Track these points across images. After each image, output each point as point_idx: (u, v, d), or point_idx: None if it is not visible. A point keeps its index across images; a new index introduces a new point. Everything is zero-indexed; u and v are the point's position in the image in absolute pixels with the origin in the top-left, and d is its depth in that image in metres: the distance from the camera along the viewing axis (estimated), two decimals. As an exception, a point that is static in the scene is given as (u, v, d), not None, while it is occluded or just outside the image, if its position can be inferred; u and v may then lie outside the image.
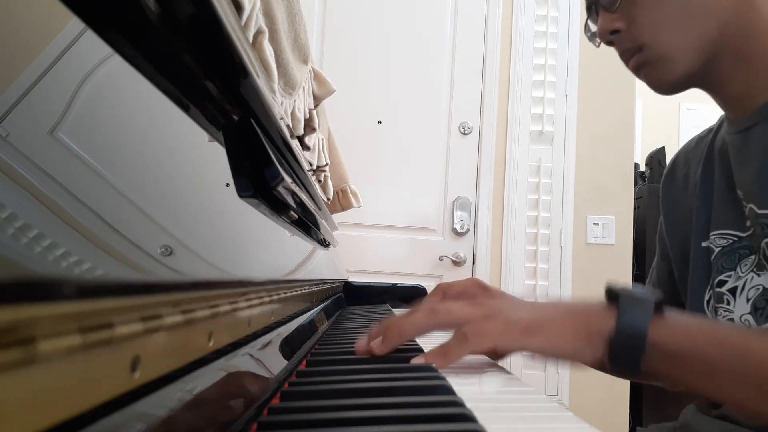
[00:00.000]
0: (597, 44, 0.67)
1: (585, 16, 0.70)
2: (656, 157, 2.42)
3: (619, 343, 0.44)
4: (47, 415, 0.14)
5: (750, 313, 0.58)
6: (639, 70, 0.62)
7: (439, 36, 2.10)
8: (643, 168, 2.64)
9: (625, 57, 0.63)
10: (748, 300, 0.58)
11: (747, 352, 0.43)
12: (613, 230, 2.05)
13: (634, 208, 2.14)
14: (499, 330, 0.45)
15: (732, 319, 0.60)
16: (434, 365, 0.44)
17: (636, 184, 2.24)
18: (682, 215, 0.73)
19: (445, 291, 0.55)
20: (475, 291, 0.54)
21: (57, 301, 0.14)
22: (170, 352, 0.21)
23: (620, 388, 1.94)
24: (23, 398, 0.13)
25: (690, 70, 0.59)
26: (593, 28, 0.67)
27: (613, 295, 0.46)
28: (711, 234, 0.65)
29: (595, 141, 2.08)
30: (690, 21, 0.57)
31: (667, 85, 0.61)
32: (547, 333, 0.45)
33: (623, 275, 2.02)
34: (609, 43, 0.63)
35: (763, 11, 0.57)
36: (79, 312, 0.15)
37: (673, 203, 0.76)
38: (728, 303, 0.61)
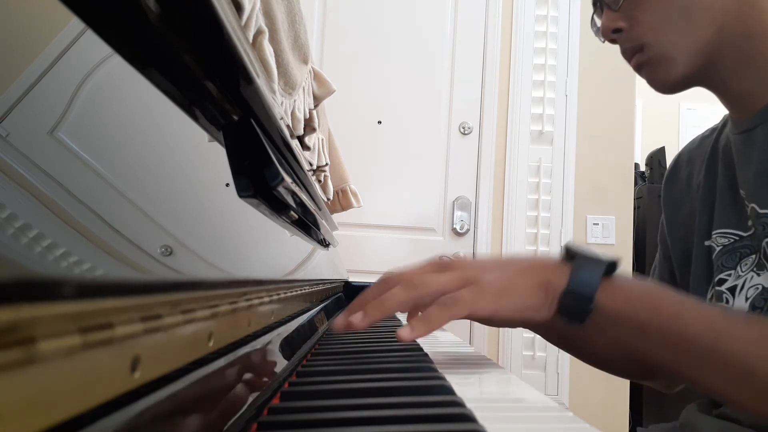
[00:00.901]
0: (602, 40, 0.67)
1: (585, 16, 0.71)
2: (656, 157, 2.42)
3: (568, 300, 0.47)
4: (47, 415, 0.14)
5: (748, 311, 0.58)
6: (640, 69, 0.63)
7: (439, 36, 2.10)
8: (643, 168, 2.64)
9: (627, 55, 0.64)
10: (747, 299, 0.59)
11: (677, 318, 0.46)
12: (613, 230, 2.05)
13: (634, 208, 2.14)
14: (474, 296, 0.47)
15: None
16: (433, 366, 0.44)
17: (636, 184, 2.24)
18: (684, 215, 0.73)
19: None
20: (443, 262, 0.54)
21: (57, 301, 0.14)
22: (170, 352, 0.21)
23: (620, 388, 1.94)
24: (23, 398, 0.13)
25: (690, 70, 0.60)
26: (599, 23, 0.67)
27: (570, 254, 0.50)
28: (713, 233, 0.65)
29: (595, 141, 2.08)
30: (690, 23, 0.58)
31: (667, 84, 0.62)
32: (515, 293, 0.48)
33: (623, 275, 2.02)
34: (612, 41, 0.64)
35: (765, 12, 0.57)
36: (79, 312, 0.15)
37: (676, 203, 0.75)
38: (727, 302, 0.61)
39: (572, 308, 0.47)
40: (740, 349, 0.44)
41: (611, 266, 0.48)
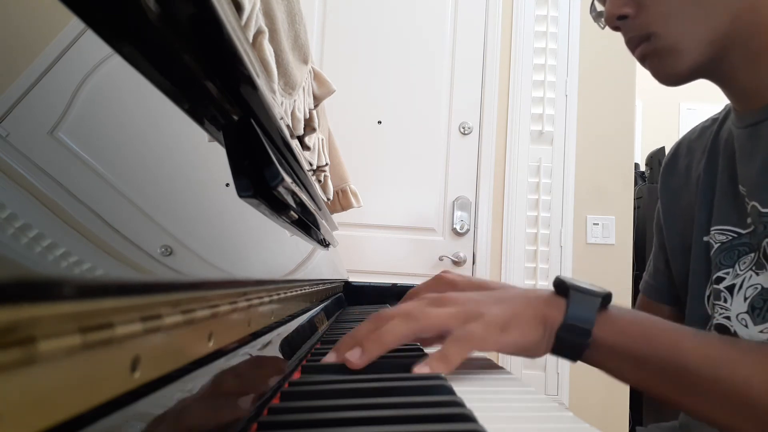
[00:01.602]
0: (602, 26, 0.64)
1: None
2: (656, 157, 2.42)
3: (565, 335, 0.46)
4: (47, 415, 0.14)
5: (747, 312, 0.58)
6: (644, 60, 0.60)
7: (439, 36, 2.10)
8: (643, 168, 2.64)
9: (632, 45, 0.60)
10: (745, 299, 0.58)
11: (674, 348, 0.46)
12: (613, 230, 2.05)
13: (634, 208, 2.14)
14: (482, 331, 0.45)
15: (729, 317, 0.59)
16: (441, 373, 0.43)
17: (636, 184, 2.24)
18: (682, 207, 0.72)
19: (413, 294, 0.54)
20: (442, 287, 0.53)
21: (57, 301, 0.14)
22: (170, 352, 0.21)
23: (620, 388, 1.94)
24: (23, 398, 0.13)
25: (698, 63, 0.57)
26: (599, 7, 0.64)
27: (563, 288, 0.48)
28: (711, 229, 0.64)
29: (595, 141, 2.08)
30: (702, 12, 0.55)
31: (673, 77, 0.59)
32: (518, 328, 0.46)
33: (623, 275, 2.02)
34: (615, 28, 0.60)
35: None
36: (79, 312, 0.15)
37: (673, 194, 0.74)
38: (725, 300, 0.60)
39: (569, 344, 0.47)
40: (740, 379, 0.44)
41: (605, 299, 0.48)
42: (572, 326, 0.46)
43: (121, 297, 0.18)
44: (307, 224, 0.72)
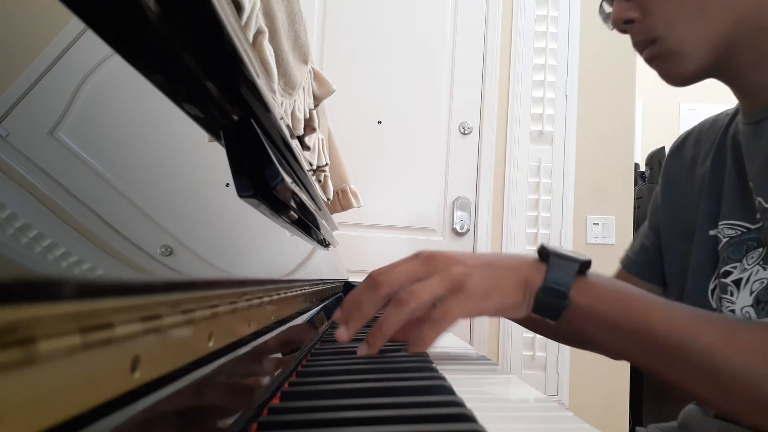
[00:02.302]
0: (611, 27, 0.65)
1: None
2: (656, 157, 2.42)
3: (544, 297, 0.49)
4: (47, 415, 0.14)
5: (752, 305, 0.58)
6: (652, 62, 0.61)
7: (439, 36, 2.10)
8: (643, 168, 2.64)
9: (639, 47, 0.62)
10: (751, 293, 0.59)
11: (645, 316, 0.48)
12: (613, 230, 2.05)
13: (634, 208, 2.14)
14: (462, 303, 0.49)
15: (733, 310, 0.60)
16: (433, 366, 0.45)
17: (636, 184, 2.24)
18: (682, 196, 0.73)
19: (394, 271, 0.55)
20: (425, 258, 0.55)
21: (57, 301, 0.14)
22: (170, 352, 0.21)
23: (620, 388, 1.94)
24: (23, 398, 0.13)
25: (704, 64, 0.58)
26: (608, 9, 0.65)
27: (545, 254, 0.51)
28: (720, 223, 0.64)
29: (595, 141, 2.08)
30: (706, 15, 0.56)
31: (679, 78, 0.60)
32: (498, 294, 0.50)
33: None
34: (623, 31, 0.62)
35: None
36: (79, 312, 0.15)
37: (675, 181, 0.75)
38: (731, 294, 0.61)
39: (548, 305, 0.50)
40: (702, 347, 0.45)
41: (584, 265, 0.50)
42: (551, 289, 0.49)
43: (121, 297, 0.17)
44: (307, 224, 0.72)
